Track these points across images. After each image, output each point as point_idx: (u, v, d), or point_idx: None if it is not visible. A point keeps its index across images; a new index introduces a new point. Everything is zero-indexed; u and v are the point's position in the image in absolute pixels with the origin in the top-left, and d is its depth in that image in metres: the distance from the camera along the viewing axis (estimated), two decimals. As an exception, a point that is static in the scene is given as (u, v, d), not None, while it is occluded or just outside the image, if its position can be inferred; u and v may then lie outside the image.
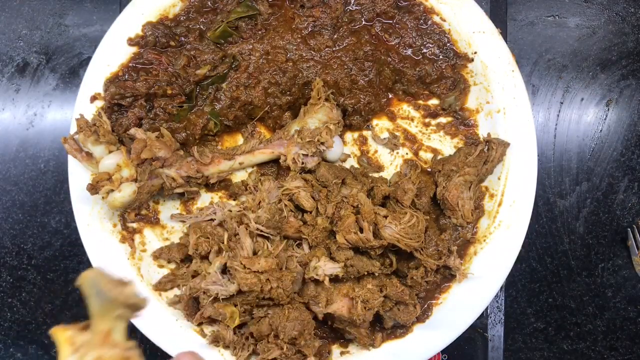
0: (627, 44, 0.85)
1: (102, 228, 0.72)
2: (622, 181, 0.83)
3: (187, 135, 0.73)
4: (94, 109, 0.72)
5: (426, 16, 0.75)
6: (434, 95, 0.77)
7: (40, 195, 0.80)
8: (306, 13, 0.74)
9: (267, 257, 0.67)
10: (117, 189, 0.69)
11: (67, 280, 0.80)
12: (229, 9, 0.74)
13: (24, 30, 0.82)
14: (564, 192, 0.83)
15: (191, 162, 0.72)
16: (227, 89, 0.73)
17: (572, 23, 0.85)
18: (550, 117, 0.84)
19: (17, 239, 0.80)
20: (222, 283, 0.69)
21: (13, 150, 0.80)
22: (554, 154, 0.84)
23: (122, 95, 0.71)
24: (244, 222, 0.70)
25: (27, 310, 0.80)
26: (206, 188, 0.76)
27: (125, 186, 0.69)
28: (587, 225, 0.83)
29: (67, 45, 0.81)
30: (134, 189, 0.70)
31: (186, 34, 0.74)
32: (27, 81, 0.81)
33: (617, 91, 0.84)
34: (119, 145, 0.71)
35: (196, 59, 0.73)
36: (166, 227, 0.75)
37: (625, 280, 0.83)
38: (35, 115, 0.81)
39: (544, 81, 0.84)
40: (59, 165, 0.77)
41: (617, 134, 0.84)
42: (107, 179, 0.69)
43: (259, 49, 0.73)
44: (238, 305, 0.70)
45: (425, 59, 0.75)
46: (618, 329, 0.84)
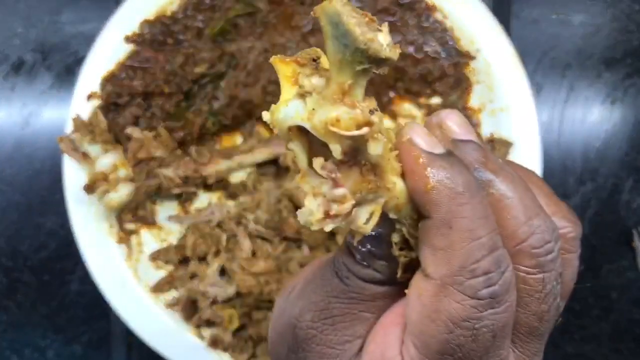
0: (632, 42, 0.84)
1: (98, 229, 0.71)
2: (627, 181, 0.82)
3: (185, 135, 0.72)
4: (90, 108, 0.71)
5: (428, 13, 0.74)
6: (436, 93, 0.76)
7: (35, 195, 0.79)
8: (306, 10, 0.74)
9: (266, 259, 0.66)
10: (114, 189, 0.68)
11: (63, 281, 0.79)
12: (228, 7, 0.74)
13: (20, 28, 0.81)
14: (568, 192, 0.83)
15: (189, 162, 0.71)
16: (225, 87, 0.73)
17: (576, 21, 0.84)
18: (554, 116, 0.83)
19: (12, 239, 0.79)
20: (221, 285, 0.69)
21: (8, 149, 0.80)
22: (558, 154, 0.83)
23: (119, 94, 0.70)
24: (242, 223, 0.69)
25: (22, 312, 0.79)
26: (204, 188, 0.76)
27: (122, 186, 0.68)
28: (591, 226, 0.82)
29: (63, 43, 0.81)
30: (130, 189, 0.69)
31: (184, 31, 0.73)
32: (22, 80, 0.80)
33: (621, 90, 0.83)
34: (115, 144, 0.71)
35: (194, 57, 0.72)
36: (163, 228, 0.74)
37: (631, 282, 0.83)
38: (31, 114, 0.80)
39: (547, 79, 0.83)
40: (55, 165, 0.77)
41: (622, 133, 0.83)
42: (103, 179, 0.68)
43: (258, 47, 0.73)
44: (237, 307, 0.70)
45: (427, 57, 0.75)
46: (623, 331, 0.83)
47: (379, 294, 0.29)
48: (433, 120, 0.30)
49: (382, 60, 0.24)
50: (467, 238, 0.25)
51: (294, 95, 0.26)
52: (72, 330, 0.78)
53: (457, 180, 0.26)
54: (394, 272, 0.29)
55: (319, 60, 0.27)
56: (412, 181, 0.26)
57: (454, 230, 0.25)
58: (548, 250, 0.27)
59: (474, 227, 0.25)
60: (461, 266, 0.25)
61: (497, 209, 0.27)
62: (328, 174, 0.25)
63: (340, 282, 0.29)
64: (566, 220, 0.30)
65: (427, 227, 0.26)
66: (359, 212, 0.26)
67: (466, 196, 0.26)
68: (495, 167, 0.28)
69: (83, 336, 0.78)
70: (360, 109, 0.24)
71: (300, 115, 0.25)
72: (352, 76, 0.25)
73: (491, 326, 0.26)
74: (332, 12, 0.24)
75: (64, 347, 0.79)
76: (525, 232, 0.27)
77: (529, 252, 0.27)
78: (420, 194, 0.26)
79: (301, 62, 0.27)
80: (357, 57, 0.24)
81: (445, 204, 0.26)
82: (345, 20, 0.23)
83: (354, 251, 0.29)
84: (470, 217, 0.25)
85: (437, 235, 0.26)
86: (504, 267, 0.26)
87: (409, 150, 0.27)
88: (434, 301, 0.26)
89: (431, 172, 0.26)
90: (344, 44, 0.24)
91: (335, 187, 0.25)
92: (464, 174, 0.26)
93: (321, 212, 0.25)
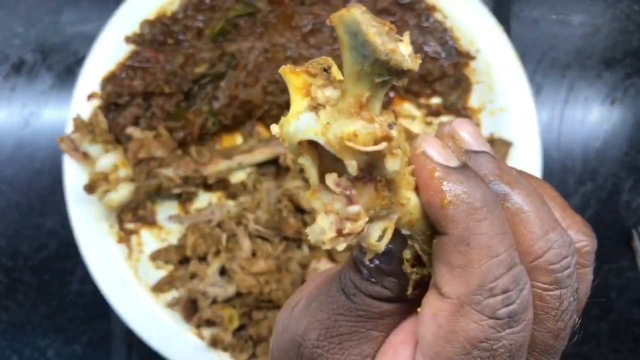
0: (631, 42, 0.84)
1: (99, 229, 0.71)
2: (627, 181, 0.82)
3: (185, 135, 0.72)
4: (90, 108, 0.71)
5: (428, 13, 0.74)
6: (436, 93, 0.76)
7: (36, 195, 0.79)
8: (306, 10, 0.74)
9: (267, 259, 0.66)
10: (114, 189, 0.68)
11: (63, 281, 0.79)
12: (228, 7, 0.73)
13: (20, 28, 0.81)
14: (568, 193, 0.83)
15: (189, 162, 0.71)
16: (225, 87, 0.73)
17: (576, 21, 0.84)
18: (554, 116, 0.83)
19: (12, 239, 0.79)
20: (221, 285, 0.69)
21: (9, 149, 0.80)
22: (558, 154, 0.83)
23: (119, 94, 0.70)
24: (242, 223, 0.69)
25: (22, 312, 0.79)
26: (204, 188, 0.76)
27: (122, 186, 0.68)
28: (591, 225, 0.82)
29: (64, 43, 0.81)
30: (131, 189, 0.69)
31: (184, 31, 0.73)
32: (22, 80, 0.80)
33: (621, 90, 0.83)
34: (115, 144, 0.71)
35: (194, 57, 0.72)
36: (164, 228, 0.74)
37: (630, 282, 0.83)
38: (31, 115, 0.80)
39: (547, 79, 0.83)
40: (56, 165, 0.77)
41: (622, 133, 0.83)
42: (103, 179, 0.68)
43: (258, 47, 0.73)
44: (237, 307, 0.70)
45: (427, 57, 0.75)
46: (622, 331, 0.83)
47: (387, 312, 0.28)
48: (445, 130, 0.29)
49: (403, 71, 0.23)
50: (486, 255, 0.24)
51: (305, 107, 0.24)
52: (73, 330, 0.78)
53: (474, 194, 0.25)
54: (403, 288, 0.28)
55: (330, 70, 0.25)
56: (428, 196, 0.25)
57: (472, 247, 0.24)
58: (565, 266, 0.27)
59: (493, 243, 0.24)
60: (479, 285, 0.24)
61: (513, 222, 0.26)
62: (342, 190, 0.24)
63: (347, 299, 0.28)
64: (582, 233, 0.29)
65: (443, 243, 0.25)
66: (372, 229, 0.25)
67: (484, 211, 0.25)
68: (511, 179, 0.27)
69: (83, 336, 0.78)
70: (378, 123, 0.23)
71: (314, 130, 0.24)
72: (370, 88, 0.23)
73: (509, 346, 0.25)
74: (351, 20, 0.22)
75: (64, 347, 0.79)
76: (542, 247, 0.26)
77: (546, 268, 0.26)
78: (436, 209, 0.25)
79: (312, 72, 0.25)
80: (376, 68, 0.22)
81: (463, 220, 0.25)
82: (365, 30, 0.22)
83: (361, 267, 0.28)
84: (489, 233, 0.24)
85: (454, 253, 0.25)
86: (522, 285, 0.25)
87: (424, 164, 0.25)
88: (450, 321, 0.25)
89: (447, 187, 0.25)
90: (363, 54, 0.22)
91: (349, 204, 0.24)
92: (482, 187, 0.25)
93: (334, 230, 0.24)
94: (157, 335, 0.70)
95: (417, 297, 0.28)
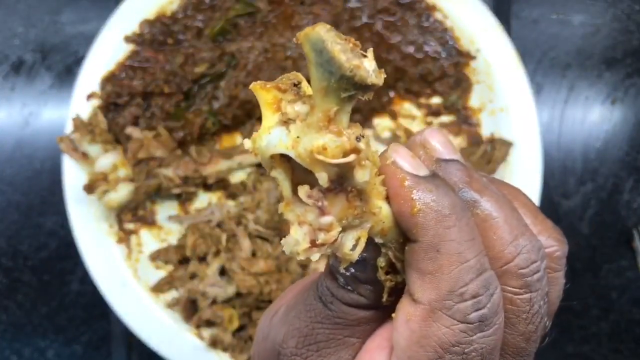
0: (632, 42, 0.84)
1: (98, 229, 0.71)
2: (628, 181, 0.82)
3: (185, 135, 0.72)
4: (90, 108, 0.71)
5: (428, 13, 0.74)
6: (437, 93, 0.76)
7: (36, 195, 0.79)
8: (306, 10, 0.74)
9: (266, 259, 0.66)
10: (114, 189, 0.68)
11: (63, 281, 0.79)
12: (228, 6, 0.73)
13: (20, 28, 0.81)
14: (569, 193, 0.82)
15: (189, 162, 0.71)
16: (225, 87, 0.72)
17: (576, 21, 0.84)
18: (555, 116, 0.83)
19: (12, 239, 0.79)
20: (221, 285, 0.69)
21: (8, 150, 0.80)
22: (559, 154, 0.83)
23: (119, 93, 0.70)
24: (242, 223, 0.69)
25: (22, 312, 0.79)
26: (204, 188, 0.75)
27: (122, 186, 0.68)
28: (591, 226, 0.82)
29: (63, 43, 0.81)
30: (130, 189, 0.69)
31: (184, 31, 0.73)
32: (22, 80, 0.80)
33: (622, 90, 0.83)
34: (115, 144, 0.70)
35: (194, 57, 0.72)
36: (163, 228, 0.74)
37: (630, 282, 0.83)
38: (31, 114, 0.80)
39: (548, 79, 0.83)
40: (55, 165, 0.77)
41: (623, 133, 0.82)
42: (103, 179, 0.68)
43: (258, 47, 0.72)
44: (237, 307, 0.69)
45: (427, 57, 0.74)
46: (623, 331, 0.83)
47: (364, 319, 0.29)
48: (416, 139, 0.29)
49: (368, 86, 0.23)
50: (455, 261, 0.25)
51: (276, 122, 0.25)
52: (72, 330, 0.78)
53: (443, 202, 0.25)
54: (379, 296, 0.28)
55: (300, 85, 0.26)
56: (398, 205, 0.26)
57: (442, 253, 0.25)
58: (534, 270, 0.27)
59: (462, 249, 0.25)
60: (450, 290, 0.25)
61: (483, 229, 0.27)
62: (314, 202, 0.25)
63: (324, 307, 0.29)
64: (552, 239, 0.30)
65: (414, 251, 0.26)
66: (345, 239, 0.26)
67: (453, 219, 0.25)
68: (480, 186, 0.28)
69: (83, 336, 0.78)
70: (346, 136, 0.24)
71: (284, 144, 0.24)
72: (338, 103, 0.24)
73: (480, 350, 0.26)
74: (316, 38, 0.23)
75: (64, 347, 0.78)
76: (512, 252, 0.27)
77: (515, 272, 0.27)
78: (406, 217, 0.26)
79: (282, 87, 0.26)
80: (342, 84, 0.23)
81: (432, 228, 0.25)
82: (330, 47, 0.22)
83: (337, 275, 0.28)
84: (458, 239, 0.25)
85: (425, 260, 0.25)
86: (493, 290, 0.26)
87: (394, 174, 0.26)
88: (422, 326, 0.26)
89: (417, 195, 0.25)
90: (329, 71, 0.23)
91: (321, 215, 0.25)
92: (450, 195, 0.26)
93: (307, 241, 0.25)
94: (157, 335, 0.69)
95: (392, 303, 0.28)
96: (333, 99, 0.24)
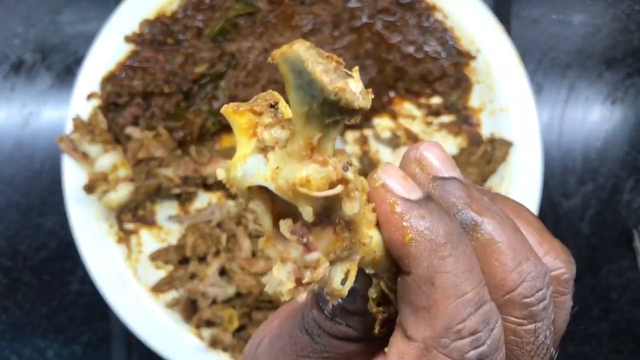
0: (632, 42, 0.84)
1: (98, 229, 0.71)
2: (628, 181, 0.82)
3: (185, 135, 0.72)
4: (90, 108, 0.71)
5: (428, 13, 0.74)
6: (437, 93, 0.76)
7: (36, 195, 0.79)
8: (306, 10, 0.73)
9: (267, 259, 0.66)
10: (114, 189, 0.68)
11: (63, 281, 0.79)
12: (227, 6, 0.73)
13: (19, 27, 0.81)
14: (569, 193, 0.82)
15: (189, 162, 0.71)
16: (225, 87, 0.72)
17: (577, 21, 0.84)
18: (555, 116, 0.83)
19: (12, 240, 0.79)
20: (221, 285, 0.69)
21: (8, 150, 0.79)
22: (559, 154, 0.83)
23: (119, 93, 0.70)
24: (242, 223, 0.69)
25: (22, 312, 0.79)
26: (204, 188, 0.75)
27: (122, 186, 0.68)
28: (591, 226, 0.82)
29: (63, 43, 0.81)
30: (130, 189, 0.69)
31: (184, 31, 0.73)
32: (22, 80, 0.80)
33: (622, 90, 0.83)
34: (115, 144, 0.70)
35: (194, 57, 0.72)
36: (163, 228, 0.74)
37: (631, 282, 0.82)
38: (31, 115, 0.80)
39: (548, 79, 0.83)
40: (55, 165, 0.77)
41: (623, 133, 0.82)
42: (103, 179, 0.68)
43: (258, 47, 0.72)
44: (237, 307, 0.69)
45: (427, 56, 0.74)
46: (623, 332, 0.83)
47: (354, 352, 0.27)
48: (411, 155, 0.27)
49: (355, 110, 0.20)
50: (452, 295, 0.23)
51: (252, 150, 0.23)
52: (72, 330, 0.78)
53: (437, 230, 0.23)
54: (369, 327, 0.26)
55: (278, 106, 0.24)
56: (389, 233, 0.24)
57: (437, 287, 0.23)
58: (540, 299, 0.25)
59: (458, 282, 0.23)
60: (446, 327, 0.23)
61: (484, 254, 0.25)
62: (298, 238, 0.22)
63: (311, 339, 0.27)
64: (560, 260, 0.28)
65: (407, 283, 0.24)
66: (333, 273, 0.23)
67: (448, 248, 0.23)
68: (481, 207, 0.25)
69: (83, 336, 0.78)
70: (332, 165, 0.21)
71: (263, 174, 0.22)
72: (321, 129, 0.21)
73: None
74: (294, 58, 0.20)
75: (64, 348, 0.78)
76: (515, 279, 0.25)
77: (519, 301, 0.25)
78: (397, 246, 0.23)
79: (258, 110, 0.23)
80: (326, 108, 0.20)
81: (426, 258, 0.23)
82: (311, 68, 0.20)
83: (323, 306, 0.26)
84: (454, 271, 0.23)
85: (419, 294, 0.23)
86: (493, 324, 0.24)
87: (383, 198, 0.24)
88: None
89: (409, 223, 0.23)
90: (311, 94, 0.20)
91: (307, 251, 0.22)
92: (445, 221, 0.24)
93: (292, 280, 0.22)
94: (157, 335, 0.69)
95: (384, 335, 0.26)
96: (316, 125, 0.21)
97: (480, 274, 0.24)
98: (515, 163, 0.71)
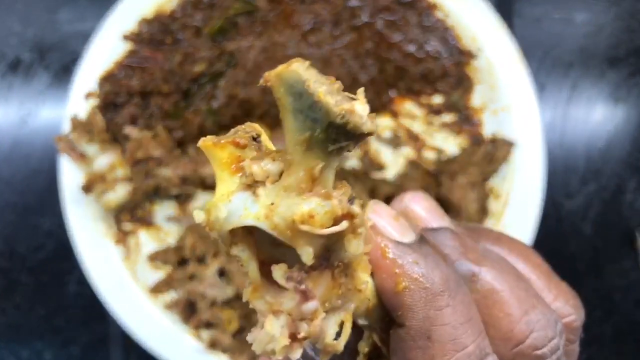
0: (635, 41, 0.83)
1: (96, 230, 0.70)
2: (631, 182, 0.82)
3: (184, 134, 0.72)
4: (88, 108, 0.70)
5: (429, 12, 0.74)
6: (438, 92, 0.75)
7: (33, 195, 0.79)
8: (306, 9, 0.73)
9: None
10: (112, 190, 0.67)
11: (61, 283, 0.78)
12: (227, 5, 0.73)
13: (17, 26, 0.80)
14: (571, 193, 0.82)
15: (188, 161, 0.71)
16: (224, 86, 0.72)
17: (579, 20, 0.83)
18: (557, 116, 0.82)
19: (9, 240, 0.79)
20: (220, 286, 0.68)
21: (5, 149, 0.79)
22: (561, 154, 0.82)
23: (117, 93, 0.70)
24: (242, 224, 0.69)
25: (19, 313, 0.78)
26: (203, 188, 0.75)
27: (120, 186, 0.68)
28: (594, 226, 0.82)
29: (61, 42, 0.80)
30: (128, 189, 0.69)
31: (182, 30, 0.73)
32: (19, 79, 0.80)
33: (625, 89, 0.82)
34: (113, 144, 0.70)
35: (193, 56, 0.72)
36: (162, 229, 0.74)
37: (633, 283, 0.82)
38: (29, 114, 0.79)
39: (550, 79, 0.83)
40: (53, 165, 0.76)
41: (626, 133, 0.82)
42: (101, 179, 0.68)
43: (257, 46, 0.72)
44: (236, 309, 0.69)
45: (428, 56, 0.74)
46: (626, 333, 0.82)
47: None
48: (395, 208, 0.25)
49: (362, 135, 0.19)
50: (451, 350, 0.21)
51: (237, 186, 0.20)
52: (70, 332, 0.78)
53: (433, 277, 0.21)
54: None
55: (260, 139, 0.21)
56: (380, 280, 0.21)
57: (434, 341, 0.21)
58: (553, 350, 0.23)
59: (458, 334, 0.21)
60: None
61: (486, 306, 0.23)
62: (296, 285, 0.20)
63: None
64: (569, 305, 0.26)
65: (401, 337, 0.21)
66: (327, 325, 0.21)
67: (445, 297, 0.21)
68: (477, 256, 0.24)
69: (81, 338, 0.78)
70: (337, 198, 0.19)
71: (253, 213, 0.19)
72: (324, 157, 0.19)
73: None
74: (293, 79, 0.18)
75: (62, 349, 0.78)
76: (523, 330, 0.23)
77: (530, 354, 0.23)
78: (390, 295, 0.21)
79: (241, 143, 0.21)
80: (331, 133, 0.18)
81: (422, 309, 0.21)
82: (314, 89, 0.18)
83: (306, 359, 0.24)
84: (452, 323, 0.21)
85: (414, 349, 0.21)
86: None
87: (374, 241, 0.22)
88: None
89: (402, 269, 0.21)
90: (313, 118, 0.18)
91: (304, 300, 0.20)
92: (441, 268, 0.22)
93: (286, 335, 0.20)
94: (155, 337, 0.69)
95: None
96: (318, 153, 0.19)
97: (480, 324, 0.22)
98: (518, 163, 0.71)
